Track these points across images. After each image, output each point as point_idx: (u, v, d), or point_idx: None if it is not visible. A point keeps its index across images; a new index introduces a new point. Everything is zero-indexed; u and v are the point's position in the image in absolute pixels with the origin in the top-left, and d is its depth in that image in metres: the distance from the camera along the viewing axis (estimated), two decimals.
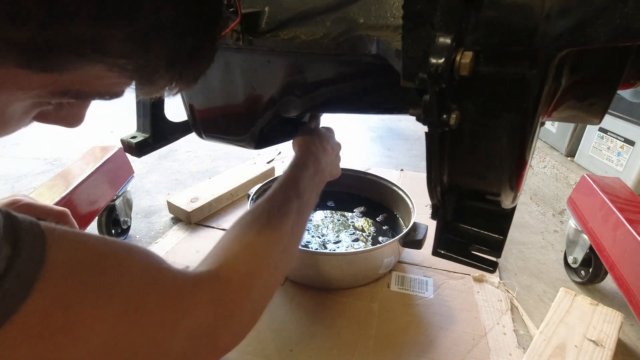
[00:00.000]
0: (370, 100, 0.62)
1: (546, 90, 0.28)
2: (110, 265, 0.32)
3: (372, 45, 0.41)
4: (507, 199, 0.38)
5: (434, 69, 0.26)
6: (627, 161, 1.21)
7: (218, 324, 0.39)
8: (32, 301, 0.26)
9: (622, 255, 0.80)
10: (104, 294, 0.30)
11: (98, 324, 0.30)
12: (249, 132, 0.72)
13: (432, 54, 0.26)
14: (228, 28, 0.48)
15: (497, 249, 0.45)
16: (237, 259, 0.45)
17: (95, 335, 0.29)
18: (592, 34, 0.24)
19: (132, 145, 0.79)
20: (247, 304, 0.43)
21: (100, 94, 0.28)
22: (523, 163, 0.33)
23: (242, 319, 0.43)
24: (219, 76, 0.67)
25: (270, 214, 0.52)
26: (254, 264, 0.45)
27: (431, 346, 0.79)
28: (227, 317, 0.40)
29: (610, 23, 0.23)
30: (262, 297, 0.46)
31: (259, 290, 0.45)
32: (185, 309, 0.36)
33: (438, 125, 0.30)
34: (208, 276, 0.41)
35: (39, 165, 1.62)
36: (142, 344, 0.33)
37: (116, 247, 0.34)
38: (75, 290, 0.29)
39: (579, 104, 0.35)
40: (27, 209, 0.58)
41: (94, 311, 0.30)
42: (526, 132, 0.30)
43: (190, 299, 0.37)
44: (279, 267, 0.50)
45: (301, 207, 0.57)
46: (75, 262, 0.29)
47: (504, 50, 0.27)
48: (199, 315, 0.37)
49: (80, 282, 0.29)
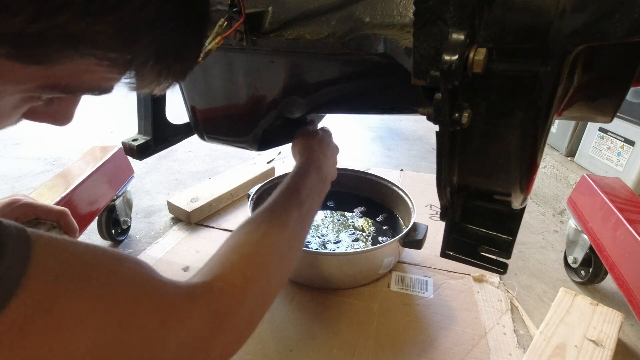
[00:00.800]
0: (374, 100, 0.62)
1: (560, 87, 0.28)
2: (98, 273, 0.32)
3: (379, 44, 0.41)
4: (517, 200, 0.38)
5: (448, 66, 0.26)
6: (627, 161, 1.21)
7: (210, 335, 0.39)
8: (13, 305, 0.26)
9: (622, 255, 0.80)
10: (90, 300, 0.30)
11: (83, 330, 0.29)
12: (251, 134, 0.71)
13: (445, 50, 0.26)
14: (232, 28, 0.48)
15: (506, 250, 0.44)
16: (233, 270, 0.44)
17: (79, 341, 0.29)
18: (608, 30, 0.24)
19: (134, 147, 0.78)
20: (242, 315, 0.42)
21: (89, 88, 0.27)
22: (534, 163, 0.33)
23: (236, 330, 0.42)
24: (221, 77, 0.66)
25: (269, 224, 0.52)
26: (249, 275, 0.45)
27: (431, 346, 0.79)
28: (220, 328, 0.40)
29: (627, 18, 0.23)
30: (257, 308, 0.46)
31: (254, 301, 0.44)
32: (176, 319, 0.36)
33: (449, 124, 0.30)
34: (202, 287, 0.40)
35: (39, 165, 1.62)
36: (130, 354, 0.32)
37: (106, 256, 0.33)
38: (60, 296, 0.28)
39: (591, 103, 0.35)
40: (26, 209, 0.57)
41: (79, 317, 0.29)
42: (539, 132, 0.30)
43: (182, 309, 0.37)
44: (276, 278, 0.49)
45: (302, 217, 0.56)
46: (62, 269, 0.29)
47: (517, 47, 0.27)
48: (191, 326, 0.37)
49: (66, 289, 0.29)
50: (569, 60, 0.26)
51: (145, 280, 0.36)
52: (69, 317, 0.29)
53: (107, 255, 0.34)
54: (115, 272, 0.33)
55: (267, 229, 0.51)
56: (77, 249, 0.31)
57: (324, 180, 0.66)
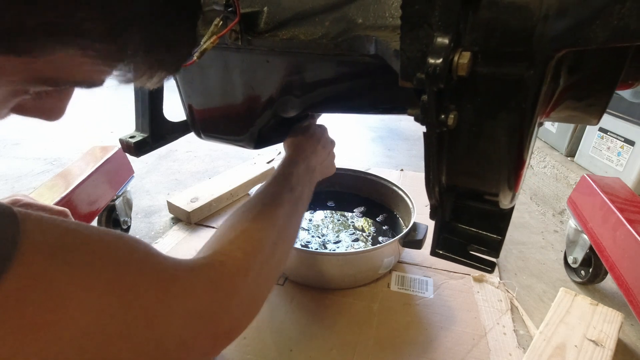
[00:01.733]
0: (369, 100, 0.62)
1: (544, 90, 0.28)
2: (97, 247, 0.31)
3: (371, 45, 0.41)
4: (506, 199, 0.38)
5: (432, 69, 0.26)
6: (627, 161, 1.21)
7: (216, 307, 0.38)
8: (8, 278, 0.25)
9: (622, 255, 0.80)
10: (91, 272, 0.29)
11: (85, 302, 0.28)
12: (248, 132, 0.72)
13: (430, 54, 0.26)
14: (227, 28, 0.48)
15: (495, 249, 0.45)
16: (232, 245, 0.45)
17: (83, 314, 0.28)
18: (590, 35, 0.24)
19: (131, 144, 0.79)
20: (245, 288, 0.42)
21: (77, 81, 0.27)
22: (521, 163, 0.33)
23: (241, 303, 0.42)
24: (217, 76, 0.67)
25: (263, 203, 0.53)
26: (249, 248, 0.45)
27: (431, 346, 0.79)
28: (225, 301, 0.39)
29: (608, 24, 0.23)
30: (260, 282, 0.45)
31: (257, 274, 0.44)
32: (179, 291, 0.35)
33: (436, 125, 0.30)
34: (203, 262, 0.41)
35: (39, 165, 1.62)
36: (136, 326, 0.31)
37: (103, 232, 0.33)
38: (59, 269, 0.28)
39: (577, 104, 0.35)
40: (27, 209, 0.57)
41: (81, 289, 0.28)
42: (524, 132, 0.30)
43: (185, 282, 0.36)
44: (275, 252, 0.49)
45: (294, 199, 0.57)
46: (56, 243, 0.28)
47: (502, 51, 0.27)
48: (196, 298, 0.36)
49: (64, 262, 0.28)
50: (552, 64, 0.27)
51: (145, 254, 0.35)
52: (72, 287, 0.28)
53: (104, 231, 0.33)
54: (112, 247, 0.32)
55: (263, 208, 0.52)
56: (69, 225, 0.30)
57: (312, 171, 0.67)
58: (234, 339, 0.42)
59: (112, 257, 0.32)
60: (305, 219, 1.16)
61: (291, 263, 0.91)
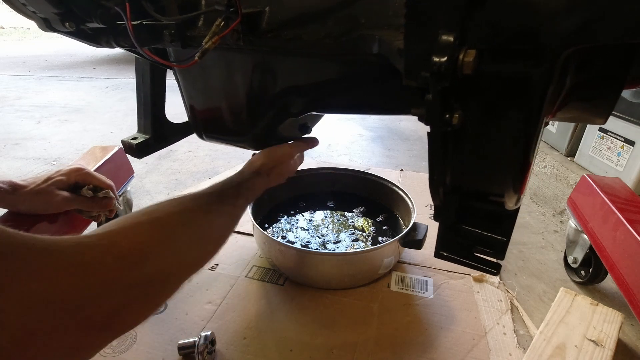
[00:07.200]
0: (371, 100, 0.62)
1: (551, 89, 0.28)
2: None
3: (374, 45, 0.41)
4: (511, 201, 0.38)
5: (437, 67, 0.26)
6: (627, 161, 1.21)
7: (80, 294, 0.32)
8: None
9: (622, 255, 0.80)
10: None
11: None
12: (249, 133, 0.72)
13: (434, 52, 0.26)
14: (228, 28, 0.48)
15: (500, 251, 0.44)
16: (138, 227, 0.40)
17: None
18: (599, 32, 0.24)
19: (133, 146, 0.79)
20: (136, 277, 0.37)
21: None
22: (527, 164, 0.33)
23: (124, 294, 0.36)
24: (219, 76, 0.66)
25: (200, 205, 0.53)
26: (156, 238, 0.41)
27: (431, 346, 0.79)
28: (97, 288, 0.33)
29: (618, 21, 0.23)
30: (158, 277, 0.40)
31: (154, 266, 0.39)
32: (31, 274, 0.29)
33: (440, 124, 0.30)
34: (88, 240, 0.35)
35: (39, 165, 1.62)
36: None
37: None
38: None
39: (584, 104, 0.35)
40: (87, 177, 0.76)
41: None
42: (530, 133, 0.30)
43: (43, 262, 0.30)
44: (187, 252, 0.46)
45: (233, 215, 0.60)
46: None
47: (509, 49, 0.27)
48: (47, 281, 0.30)
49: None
50: (561, 62, 0.26)
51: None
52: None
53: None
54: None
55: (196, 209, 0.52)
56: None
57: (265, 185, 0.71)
58: (119, 334, 0.36)
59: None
60: (306, 219, 1.15)
61: (291, 263, 0.91)
